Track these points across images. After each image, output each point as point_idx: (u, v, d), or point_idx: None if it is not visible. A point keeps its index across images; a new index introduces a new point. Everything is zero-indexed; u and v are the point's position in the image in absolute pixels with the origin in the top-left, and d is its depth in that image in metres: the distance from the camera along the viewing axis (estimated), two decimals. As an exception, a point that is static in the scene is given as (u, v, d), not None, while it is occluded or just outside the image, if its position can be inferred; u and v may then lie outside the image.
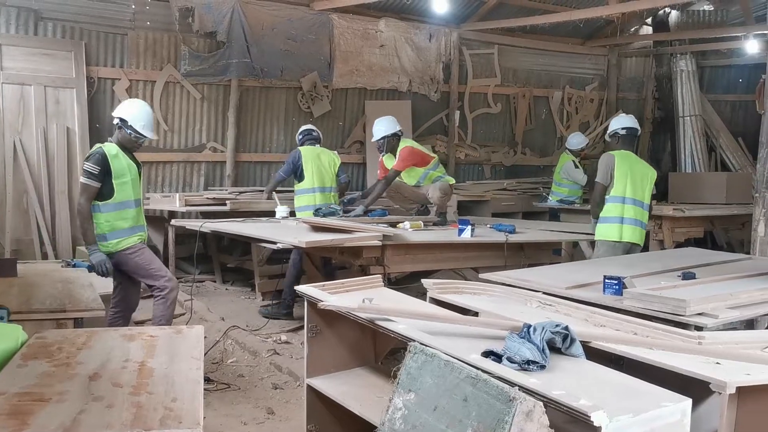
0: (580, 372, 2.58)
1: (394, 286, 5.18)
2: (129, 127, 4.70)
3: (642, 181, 5.86)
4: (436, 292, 3.77)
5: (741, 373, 2.53)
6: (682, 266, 4.57)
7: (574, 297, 3.79)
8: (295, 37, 8.67)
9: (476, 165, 10.51)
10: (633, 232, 5.75)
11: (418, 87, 9.67)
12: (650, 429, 2.16)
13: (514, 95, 10.73)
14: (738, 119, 11.78)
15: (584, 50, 11.39)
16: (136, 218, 4.75)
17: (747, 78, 11.49)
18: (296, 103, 8.98)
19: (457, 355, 2.58)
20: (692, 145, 11.29)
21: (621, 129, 6.03)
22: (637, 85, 12.08)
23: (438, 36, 9.75)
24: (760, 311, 3.67)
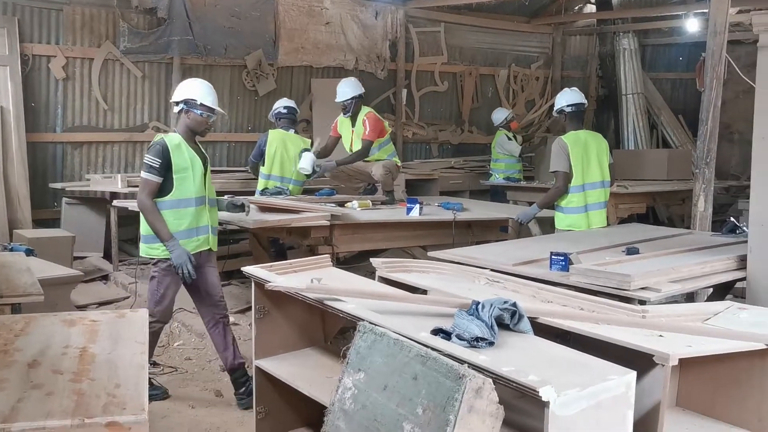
0: (528, 348, 2.61)
1: (343, 266, 5.16)
2: (199, 107, 4.21)
3: (599, 157, 5.69)
4: (385, 270, 3.75)
5: (683, 345, 2.59)
6: (626, 242, 4.65)
7: (522, 273, 3.82)
8: (238, 14, 8.49)
9: (424, 143, 10.52)
10: (599, 216, 5.65)
11: (364, 65, 9.60)
12: (596, 402, 2.19)
13: (461, 73, 10.74)
14: (679, 97, 12.03)
15: (529, 28, 11.46)
16: (196, 218, 4.21)
17: (687, 56, 11.73)
18: (241, 82, 8.81)
19: (407, 334, 2.57)
20: (635, 123, 11.49)
21: (567, 106, 5.74)
22: (581, 64, 12.22)
23: (384, 13, 9.68)
24: (701, 284, 3.77)
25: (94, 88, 7.94)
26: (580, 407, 2.14)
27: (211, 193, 4.37)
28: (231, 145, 8.90)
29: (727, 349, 2.65)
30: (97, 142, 8.09)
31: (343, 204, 5.96)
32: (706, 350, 2.61)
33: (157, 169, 4.09)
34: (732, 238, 4.74)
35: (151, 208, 4.12)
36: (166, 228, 4.11)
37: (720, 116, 5.82)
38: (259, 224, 4.91)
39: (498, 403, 2.21)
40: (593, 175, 5.61)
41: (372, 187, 6.91)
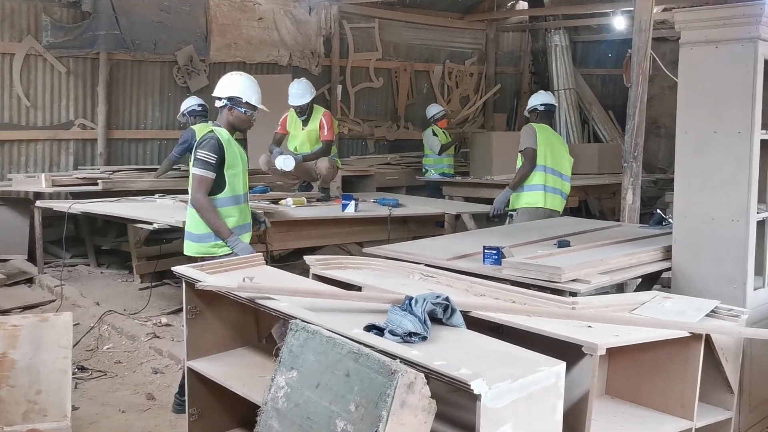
0: (460, 342, 2.62)
1: (277, 264, 5.11)
2: (244, 105, 4.13)
3: (561, 153, 6.23)
4: (319, 268, 3.72)
5: (610, 334, 2.64)
6: (558, 235, 4.72)
7: (456, 268, 3.84)
8: (167, 9, 8.31)
9: (360, 139, 10.50)
10: (554, 200, 6.10)
11: (298, 61, 9.52)
12: (527, 393, 2.21)
13: (396, 69, 10.77)
14: (608, 92, 12.33)
15: (463, 25, 11.56)
16: (243, 215, 4.19)
17: (616, 53, 12.01)
18: (172, 78, 8.63)
19: (339, 331, 2.55)
20: (567, 118, 11.72)
21: (540, 105, 6.32)
22: (514, 60, 12.39)
23: (318, 9, 9.62)
24: (629, 275, 3.85)
25: (15, 85, 7.66)
26: (511, 399, 2.16)
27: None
28: (162, 143, 8.70)
29: (652, 338, 2.72)
30: (20, 141, 7.81)
31: (277, 201, 5.89)
32: (632, 339, 2.66)
33: (214, 165, 4.00)
34: (659, 230, 4.86)
35: (209, 206, 4.03)
36: (225, 225, 4.05)
37: (647, 111, 5.98)
38: (190, 223, 4.79)
39: (430, 398, 2.21)
40: (555, 163, 6.15)
41: (307, 184, 6.87)
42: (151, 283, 6.51)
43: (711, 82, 3.81)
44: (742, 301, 3.67)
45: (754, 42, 3.65)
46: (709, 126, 3.83)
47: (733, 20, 3.73)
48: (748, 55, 3.67)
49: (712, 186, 3.82)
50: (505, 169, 9.05)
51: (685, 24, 3.92)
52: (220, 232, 4.06)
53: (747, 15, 3.68)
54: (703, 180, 3.85)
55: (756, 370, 3.82)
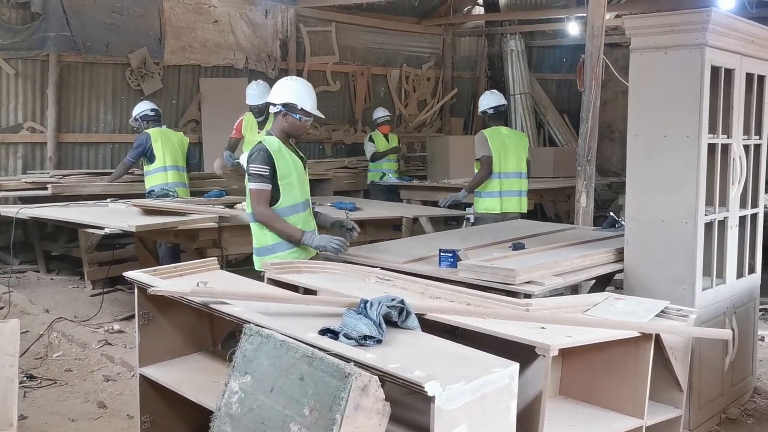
0: (415, 344, 2.62)
1: (233, 269, 5.06)
2: (299, 111, 3.99)
3: (517, 152, 6.42)
4: (274, 272, 3.69)
5: (563, 335, 2.66)
6: (513, 237, 4.77)
7: (412, 271, 3.85)
8: (120, 10, 8.19)
9: (317, 143, 10.48)
10: (510, 203, 6.37)
11: (255, 64, 9.45)
12: (481, 394, 2.22)
13: (353, 73, 10.77)
14: (563, 97, 12.50)
15: (420, 29, 11.62)
16: (304, 224, 4.04)
17: (570, 58, 12.19)
18: (125, 81, 8.49)
19: (294, 335, 2.54)
20: (523, 122, 11.86)
21: (489, 108, 6.58)
22: (471, 64, 12.49)
23: (274, 12, 9.57)
24: (582, 277, 3.90)
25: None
26: (465, 400, 2.17)
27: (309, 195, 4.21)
28: (115, 147, 8.56)
29: (604, 338, 2.75)
30: (-35, 145, 7.62)
31: (232, 205, 5.83)
32: (584, 340, 2.70)
33: (267, 177, 3.92)
34: (612, 232, 4.94)
35: (273, 217, 3.97)
36: (294, 228, 3.99)
37: (601, 115, 6.08)
38: (143, 228, 4.72)
39: (384, 400, 2.21)
40: (510, 166, 6.34)
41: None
42: (103, 289, 6.39)
43: (661, 88, 3.89)
44: (691, 301, 3.74)
45: (701, 48, 3.74)
46: (659, 130, 3.90)
47: (681, 27, 3.81)
48: (695, 61, 3.76)
49: (662, 189, 3.89)
50: (463, 173, 9.11)
51: (635, 30, 3.99)
52: (292, 238, 4.00)
53: (694, 22, 3.76)
54: (654, 183, 3.92)
55: (704, 368, 3.91)
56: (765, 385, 4.78)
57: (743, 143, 4.19)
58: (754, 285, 4.55)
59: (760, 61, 4.32)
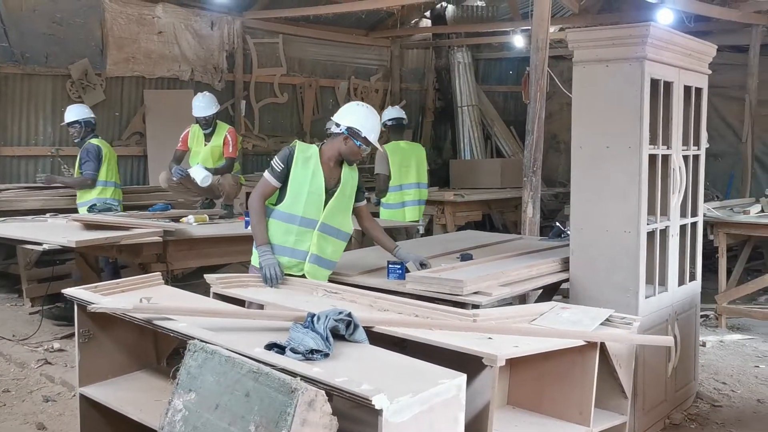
0: (363, 357, 2.61)
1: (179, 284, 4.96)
2: (361, 139, 3.86)
3: (417, 163, 6.84)
4: (220, 287, 3.64)
5: (510, 345, 2.68)
6: (461, 248, 4.79)
7: (360, 283, 3.83)
8: (61, 21, 8.00)
9: (265, 155, 10.36)
10: (413, 212, 6.80)
11: (201, 76, 9.33)
12: (429, 406, 2.21)
13: (301, 85, 10.73)
14: (510, 109, 12.65)
15: (368, 41, 11.64)
16: (292, 239, 3.87)
17: (516, 70, 12.37)
18: (65, 92, 8.27)
19: (239, 350, 2.50)
20: (470, 134, 11.96)
21: (388, 120, 6.98)
22: (418, 76, 12.57)
23: (220, 24, 9.47)
24: (528, 287, 3.94)
25: None
26: (412, 413, 2.16)
27: (334, 222, 3.96)
28: (56, 160, 8.34)
29: (550, 347, 2.78)
30: None
31: (178, 219, 5.73)
32: (531, 349, 2.72)
33: (278, 173, 3.87)
34: (558, 242, 5.00)
35: (256, 209, 3.89)
36: (262, 231, 3.88)
37: (547, 127, 6.17)
38: (84, 243, 4.60)
39: (332, 415, 2.18)
40: (410, 178, 6.77)
41: (210, 201, 6.72)
42: (43, 306, 6.20)
43: (603, 100, 3.96)
44: (635, 309, 3.81)
45: (641, 61, 3.82)
46: (602, 141, 3.98)
47: (622, 40, 3.90)
48: (635, 74, 3.84)
49: (605, 199, 3.96)
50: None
51: (577, 43, 4.07)
52: (255, 237, 3.93)
53: (634, 36, 3.85)
54: (597, 193, 3.99)
55: (648, 374, 3.98)
56: (707, 390, 4.89)
57: (682, 154, 4.30)
58: (695, 292, 4.66)
59: (697, 74, 4.45)
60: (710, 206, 6.55)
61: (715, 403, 4.67)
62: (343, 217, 4.03)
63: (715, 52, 4.59)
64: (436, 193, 9.08)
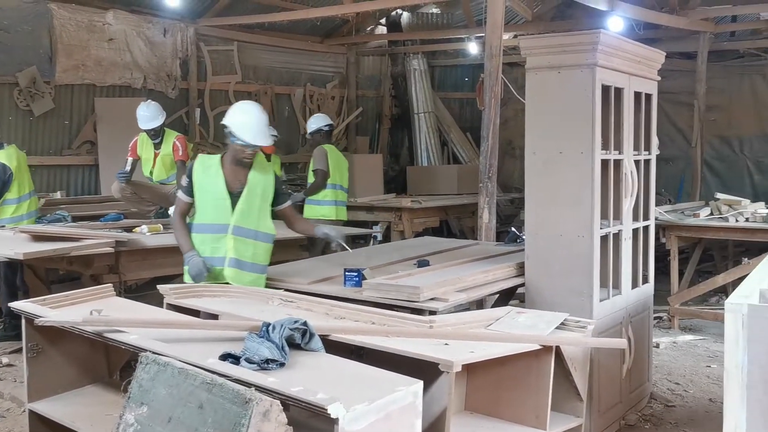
0: (319, 366, 2.59)
1: (132, 295, 4.88)
2: (238, 138, 3.91)
3: (344, 168, 7.28)
4: (174, 297, 3.58)
5: (466, 351, 2.69)
6: (419, 255, 4.80)
7: (316, 292, 3.81)
8: (7, 28, 7.78)
9: (220, 163, 10.27)
10: (341, 211, 7.22)
11: (153, 83, 9.19)
12: (385, 414, 2.20)
13: (256, 92, 10.64)
14: (466, 115, 12.74)
15: (324, 48, 11.62)
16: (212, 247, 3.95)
17: (471, 77, 12.45)
18: (12, 101, 8.05)
19: (193, 361, 2.46)
20: (427, 140, 12.01)
21: (325, 126, 7.32)
22: (375, 83, 12.58)
23: (173, 31, 9.35)
24: (484, 292, 3.95)
25: None
26: (369, 421, 2.15)
27: (248, 223, 4.00)
28: (2, 171, 8.11)
29: (505, 352, 2.79)
30: None
31: (131, 229, 5.63)
32: (486, 355, 2.72)
33: (185, 188, 4.01)
34: (514, 247, 5.04)
35: (176, 225, 4.04)
36: (186, 242, 3.98)
37: (502, 133, 6.23)
38: (32, 255, 4.49)
39: (288, 425, 2.16)
40: (341, 180, 7.18)
41: (164, 210, 6.62)
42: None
43: (555, 106, 4.01)
44: (589, 312, 3.86)
45: (592, 68, 3.88)
46: (555, 147, 4.02)
47: (573, 47, 3.95)
48: (587, 80, 3.90)
49: (559, 204, 4.00)
50: (369, 191, 9.15)
51: (529, 50, 4.11)
52: (181, 249, 4.03)
53: (585, 42, 3.91)
54: (551, 198, 4.03)
55: (603, 377, 4.02)
56: (660, 391, 4.97)
57: (634, 158, 4.37)
58: (648, 294, 4.73)
59: (647, 80, 4.53)
60: (662, 210, 6.68)
61: (668, 404, 4.75)
62: (259, 219, 4.07)
63: (664, 58, 4.69)
64: (394, 200, 9.11)
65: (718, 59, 10.15)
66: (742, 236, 6.54)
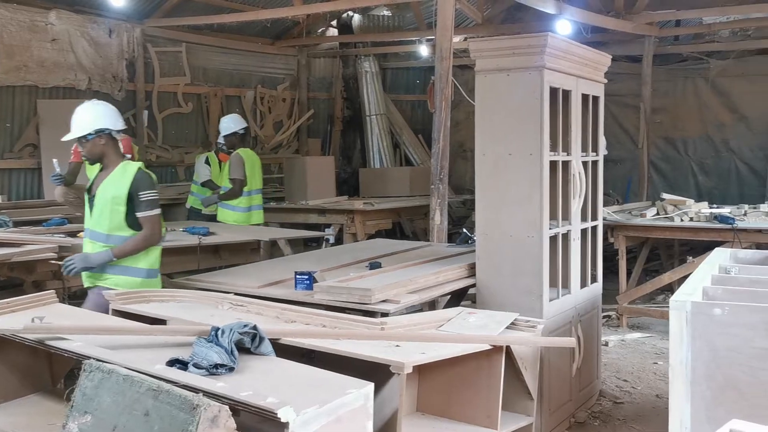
0: (269, 370, 2.56)
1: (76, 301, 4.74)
2: None
3: (260, 171, 7.36)
4: (120, 303, 3.51)
5: (417, 352, 2.68)
6: (371, 257, 4.79)
7: (267, 295, 3.78)
8: (-54, 28, 7.56)
9: (169, 167, 10.10)
10: (258, 215, 7.32)
11: (99, 85, 8.98)
12: (336, 417, 2.18)
13: (206, 94, 10.51)
14: (418, 117, 12.79)
15: (274, 50, 11.53)
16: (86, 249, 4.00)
17: (423, 79, 12.50)
18: (-48, 103, 7.83)
19: (139, 368, 2.40)
20: (379, 142, 12.02)
21: (241, 129, 7.40)
22: (326, 85, 12.54)
23: (119, 31, 9.16)
24: (436, 293, 3.96)
25: None
26: (319, 424, 2.13)
27: (100, 227, 3.96)
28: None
29: (457, 353, 2.80)
30: None
31: (75, 234, 5.49)
32: (438, 355, 2.73)
33: None
34: (465, 248, 5.06)
35: None
36: None
37: (454, 135, 6.27)
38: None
39: (237, 430, 2.12)
40: (256, 184, 7.27)
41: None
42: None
43: (505, 108, 4.05)
44: (539, 312, 3.90)
45: (540, 70, 3.93)
46: (504, 148, 4.06)
47: (521, 50, 3.99)
48: (535, 83, 3.94)
49: (509, 205, 4.04)
50: (321, 194, 9.10)
51: (479, 53, 4.14)
52: None
53: (533, 45, 3.95)
54: (501, 199, 4.07)
55: (553, 375, 4.07)
56: (609, 388, 5.05)
57: (582, 160, 4.43)
58: (597, 294, 4.81)
59: (594, 83, 4.61)
60: (610, 210, 6.80)
61: (617, 400, 4.83)
62: (112, 222, 3.94)
63: (610, 61, 4.77)
64: (346, 202, 9.08)
65: (662, 62, 10.40)
66: (686, 235, 6.70)
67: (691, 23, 10.20)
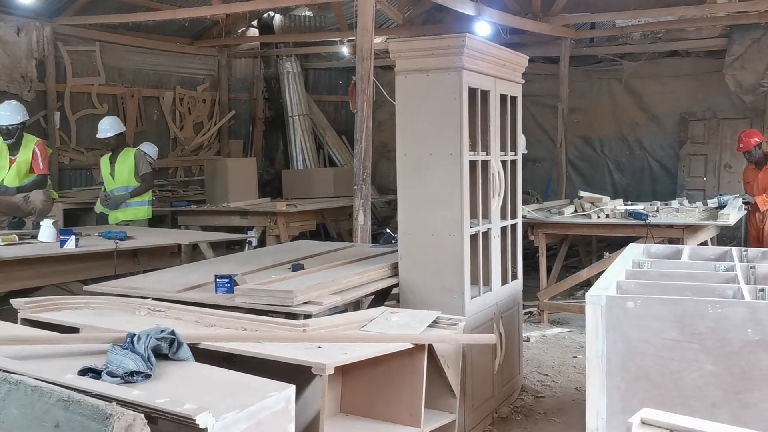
0: (188, 376, 2.50)
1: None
2: None
3: None
4: (29, 311, 3.37)
5: (339, 353, 2.67)
6: (293, 258, 4.74)
7: (186, 299, 3.68)
8: None
9: (83, 170, 9.77)
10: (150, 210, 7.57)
11: (7, 86, 8.59)
12: (257, 420, 2.15)
13: (122, 95, 10.22)
14: (341, 118, 12.76)
15: (193, 50, 11.31)
16: None
17: (345, 80, 12.47)
18: None
19: (49, 378, 2.30)
20: (302, 143, 11.94)
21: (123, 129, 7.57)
22: (247, 86, 12.38)
23: (28, 29, 8.80)
24: (359, 293, 3.95)
25: None
26: (240, 428, 2.10)
27: None
28: None
29: (379, 352, 2.80)
30: None
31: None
32: (360, 356, 2.72)
33: None
34: (389, 248, 5.07)
35: None
36: None
37: (377, 136, 6.28)
38: None
39: (154, 439, 2.06)
40: None
41: (19, 220, 6.23)
42: None
43: (424, 108, 4.07)
44: (461, 310, 3.94)
45: (459, 71, 3.97)
46: (425, 148, 4.08)
47: (440, 51, 4.03)
48: (454, 83, 3.98)
49: (430, 204, 4.07)
50: (243, 195, 8.97)
51: (398, 54, 4.16)
52: None
53: (452, 46, 3.99)
54: (423, 199, 4.09)
55: (476, 372, 4.12)
56: (531, 383, 5.16)
57: (501, 159, 4.50)
58: (517, 290, 4.90)
59: (512, 83, 4.69)
60: (530, 208, 6.94)
61: (538, 395, 4.93)
62: None
63: (528, 62, 4.86)
64: (268, 204, 8.98)
65: (579, 64, 10.71)
66: (603, 232, 6.91)
67: (605, 26, 10.54)
